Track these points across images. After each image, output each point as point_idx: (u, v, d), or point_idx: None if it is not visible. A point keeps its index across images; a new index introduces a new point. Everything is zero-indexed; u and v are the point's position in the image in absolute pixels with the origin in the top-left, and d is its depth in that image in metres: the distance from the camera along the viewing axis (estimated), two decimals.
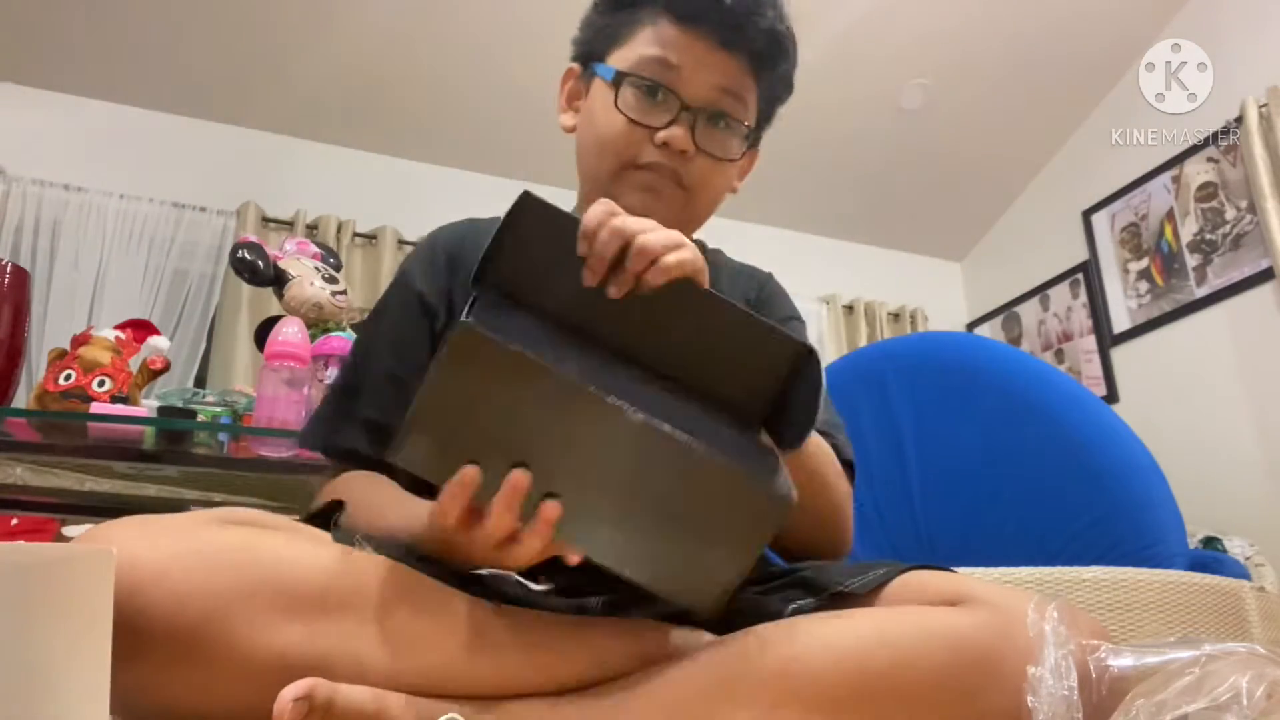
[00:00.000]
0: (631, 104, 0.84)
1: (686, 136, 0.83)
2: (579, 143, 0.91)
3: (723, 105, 0.85)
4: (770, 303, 0.99)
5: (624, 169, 0.85)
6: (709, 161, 0.86)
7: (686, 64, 0.83)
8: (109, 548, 0.43)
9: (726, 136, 0.87)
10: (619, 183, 0.86)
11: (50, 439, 1.49)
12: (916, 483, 1.71)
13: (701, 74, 0.84)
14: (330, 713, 0.51)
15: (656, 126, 0.83)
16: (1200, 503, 2.50)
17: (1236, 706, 0.44)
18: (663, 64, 0.83)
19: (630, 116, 0.84)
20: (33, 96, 3.10)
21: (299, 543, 0.59)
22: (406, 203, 3.45)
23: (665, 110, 0.84)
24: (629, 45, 0.86)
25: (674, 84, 0.83)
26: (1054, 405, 1.60)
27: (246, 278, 1.64)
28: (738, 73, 0.86)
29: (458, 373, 0.54)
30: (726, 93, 0.85)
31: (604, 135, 0.85)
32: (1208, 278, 3.12)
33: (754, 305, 0.96)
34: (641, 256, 0.61)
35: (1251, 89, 2.94)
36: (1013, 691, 0.55)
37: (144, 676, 0.50)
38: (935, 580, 0.65)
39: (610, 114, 0.84)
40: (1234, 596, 1.31)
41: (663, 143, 0.83)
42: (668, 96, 0.84)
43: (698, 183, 0.86)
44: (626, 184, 0.85)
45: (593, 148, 0.88)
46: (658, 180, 0.85)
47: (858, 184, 3.87)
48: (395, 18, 3.03)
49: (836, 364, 2.06)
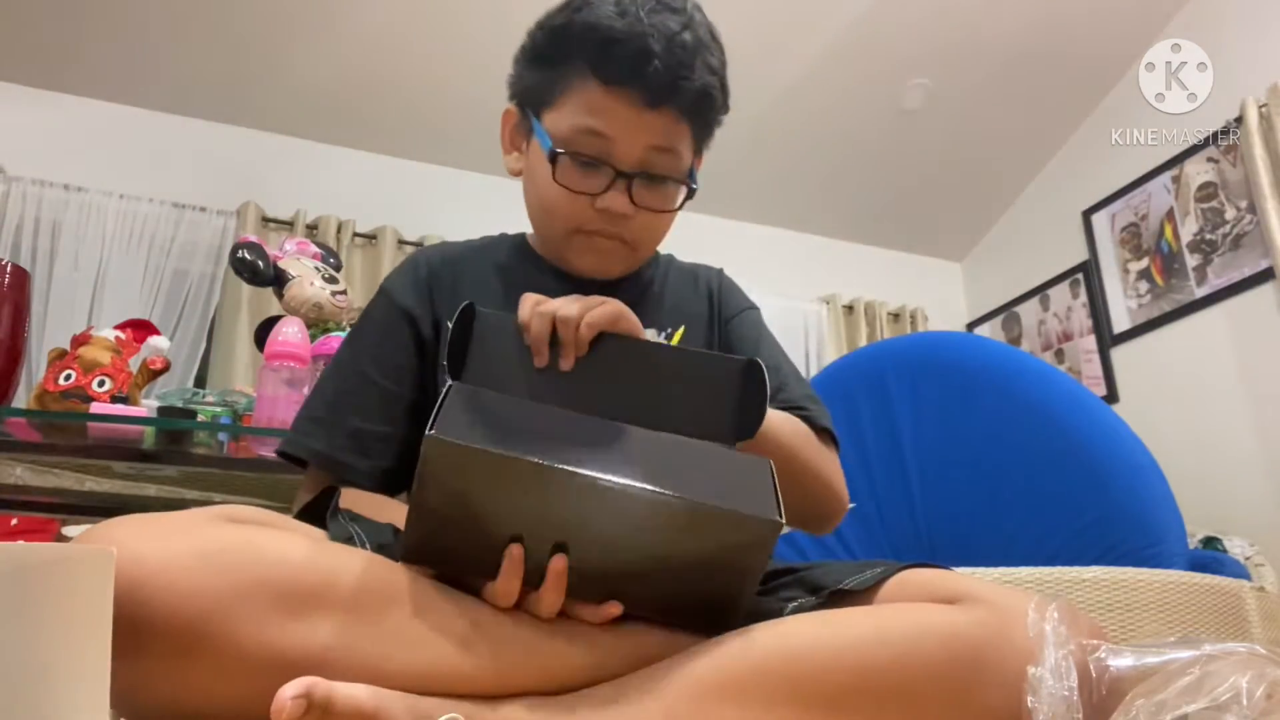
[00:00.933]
0: (569, 176, 0.86)
1: (624, 200, 0.86)
2: (526, 195, 0.94)
3: (655, 165, 0.86)
4: (726, 297, 1.03)
5: (571, 234, 0.89)
6: (650, 215, 0.88)
7: (616, 131, 0.84)
8: (109, 548, 0.43)
9: (663, 190, 0.89)
10: (569, 247, 0.91)
11: (50, 439, 1.49)
12: (916, 483, 1.71)
13: (632, 139, 0.84)
14: (329, 711, 0.51)
15: (594, 193, 0.86)
16: (1200, 503, 2.50)
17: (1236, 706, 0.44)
18: (593, 134, 0.84)
19: (569, 187, 0.86)
20: (33, 96, 3.10)
21: (299, 541, 0.59)
22: (406, 203, 3.45)
23: (601, 176, 0.85)
24: (560, 109, 0.86)
25: (606, 153, 0.85)
26: (1054, 405, 1.61)
27: (246, 278, 1.64)
28: (668, 128, 0.86)
29: (438, 476, 0.58)
30: (659, 150, 0.86)
31: (547, 204, 0.89)
32: (1208, 278, 3.12)
33: (713, 297, 1.01)
34: (565, 326, 0.70)
35: (1251, 89, 2.94)
36: (1012, 691, 0.55)
37: (144, 673, 0.50)
38: (934, 579, 0.65)
39: (549, 183, 0.87)
40: (1234, 596, 1.31)
41: (603, 209, 0.86)
42: (601, 164, 0.85)
43: (644, 236, 0.91)
44: (576, 248, 0.90)
45: (539, 211, 0.92)
46: (604, 244, 0.89)
47: (858, 184, 3.87)
48: (395, 18, 3.03)
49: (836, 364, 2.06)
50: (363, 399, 0.87)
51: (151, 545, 0.52)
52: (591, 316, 0.71)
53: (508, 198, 1.07)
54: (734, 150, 3.62)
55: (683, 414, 0.69)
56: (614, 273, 0.94)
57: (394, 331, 0.91)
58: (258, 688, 0.50)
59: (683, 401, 0.70)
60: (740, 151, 3.62)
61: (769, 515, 0.58)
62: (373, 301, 0.97)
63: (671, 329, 0.96)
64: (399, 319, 0.92)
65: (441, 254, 0.99)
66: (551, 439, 0.61)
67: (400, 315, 0.92)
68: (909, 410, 1.75)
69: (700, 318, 0.99)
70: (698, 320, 0.98)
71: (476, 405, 0.63)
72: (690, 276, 1.04)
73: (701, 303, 1.01)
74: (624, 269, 0.94)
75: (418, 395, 0.89)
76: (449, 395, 0.62)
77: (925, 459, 1.72)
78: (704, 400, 0.71)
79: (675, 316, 0.97)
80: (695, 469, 0.62)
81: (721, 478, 0.62)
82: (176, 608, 0.50)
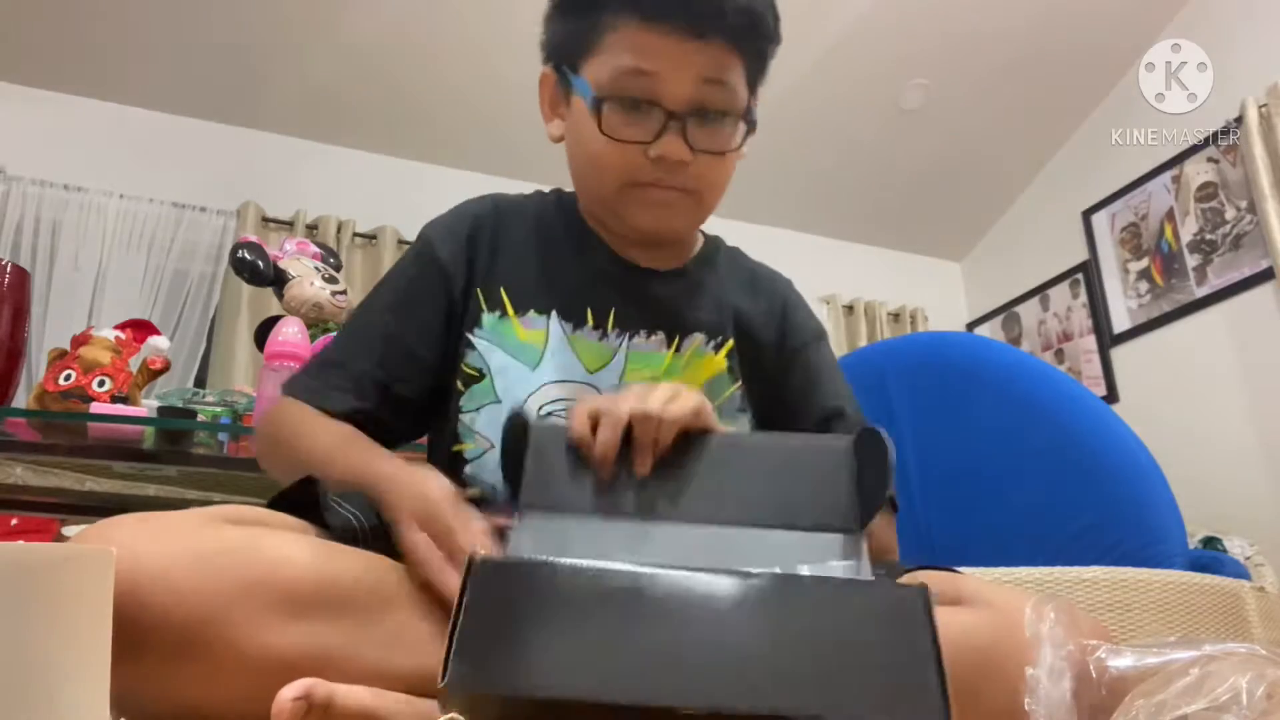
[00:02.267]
0: (616, 124, 0.80)
1: (680, 145, 0.79)
2: (571, 159, 0.88)
3: (709, 100, 0.80)
4: (795, 318, 0.95)
5: (625, 188, 0.82)
6: (710, 159, 0.82)
7: (663, 68, 0.78)
8: (109, 548, 0.43)
9: (720, 129, 0.82)
10: (625, 202, 0.83)
11: (50, 439, 1.49)
12: (916, 483, 1.71)
13: (680, 73, 0.78)
14: (329, 712, 0.50)
15: (647, 141, 0.79)
16: (1200, 503, 2.50)
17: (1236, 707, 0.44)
18: (638, 74, 0.78)
19: (618, 138, 0.80)
20: (33, 96, 3.10)
21: (299, 542, 0.59)
22: (406, 203, 3.44)
23: (652, 120, 0.79)
24: (599, 55, 0.81)
25: (654, 93, 0.79)
26: (1054, 405, 1.60)
27: (246, 278, 1.63)
28: (718, 58, 0.80)
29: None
30: (712, 83, 0.80)
31: (597, 160, 0.82)
32: (1208, 278, 3.12)
33: (778, 317, 0.94)
34: (645, 424, 0.62)
35: (1251, 89, 2.94)
36: (1012, 692, 0.54)
37: (143, 675, 0.50)
38: (935, 580, 0.65)
39: (596, 136, 0.80)
40: (1234, 596, 1.31)
41: (658, 156, 0.79)
42: (651, 107, 0.79)
43: (703, 184, 0.83)
44: (633, 203, 0.83)
45: (588, 170, 0.85)
46: (664, 195, 0.82)
47: (858, 184, 3.87)
48: (395, 18, 3.03)
49: None
50: (381, 352, 0.83)
51: (149, 547, 0.52)
52: (672, 412, 0.63)
53: None
54: None
55: (791, 507, 0.59)
56: (677, 227, 0.87)
57: (426, 284, 0.86)
58: (257, 689, 0.50)
59: (789, 493, 0.60)
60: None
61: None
62: (412, 246, 0.90)
63: (721, 339, 0.88)
64: (434, 272, 0.86)
65: (493, 206, 0.92)
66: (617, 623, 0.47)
67: (435, 268, 0.86)
68: (909, 410, 1.75)
69: (758, 332, 0.91)
70: (753, 334, 0.91)
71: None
72: (748, 278, 0.96)
73: (761, 315, 0.93)
74: (687, 223, 0.88)
75: (437, 362, 0.85)
76: (468, 602, 0.48)
77: (925, 459, 1.71)
78: (813, 490, 0.60)
79: (724, 321, 0.89)
80: (822, 643, 0.47)
81: (856, 658, 0.47)
82: (175, 610, 0.50)
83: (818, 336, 0.97)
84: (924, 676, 0.46)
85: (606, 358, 0.85)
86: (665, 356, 0.86)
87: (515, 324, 0.85)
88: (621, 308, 0.86)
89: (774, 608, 0.49)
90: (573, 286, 0.87)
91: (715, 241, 0.98)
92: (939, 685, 0.45)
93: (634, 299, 0.87)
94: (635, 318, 0.86)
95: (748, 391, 0.89)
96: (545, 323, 0.85)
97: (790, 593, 0.50)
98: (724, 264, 0.95)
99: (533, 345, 0.84)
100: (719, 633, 0.47)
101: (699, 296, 0.90)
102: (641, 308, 0.87)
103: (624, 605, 0.49)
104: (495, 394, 0.84)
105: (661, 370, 0.85)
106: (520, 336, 0.84)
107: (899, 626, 0.48)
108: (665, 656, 0.46)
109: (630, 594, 0.49)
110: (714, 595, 0.49)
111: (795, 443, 0.66)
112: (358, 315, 0.90)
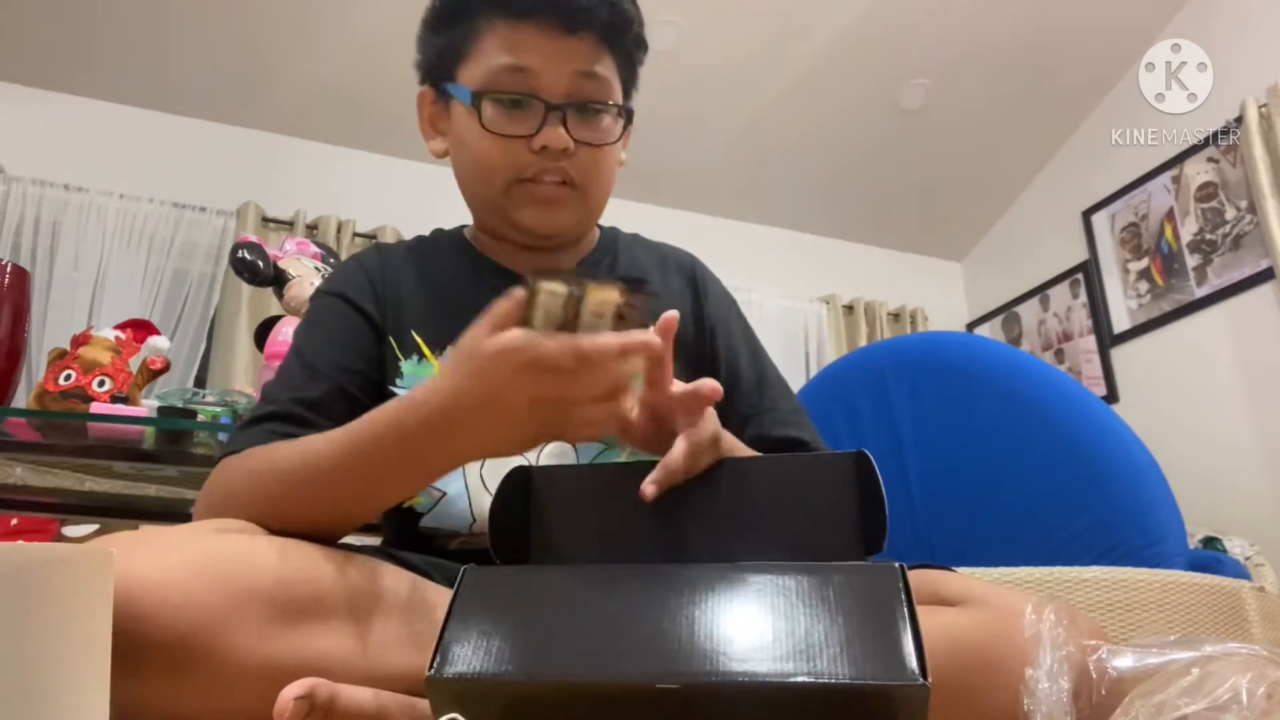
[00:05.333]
0: (497, 120, 0.80)
1: (562, 134, 0.80)
2: (456, 169, 0.88)
3: (585, 92, 0.82)
4: (711, 289, 0.95)
5: (511, 185, 0.83)
6: (591, 151, 0.83)
7: (536, 62, 0.80)
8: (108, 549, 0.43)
9: (599, 121, 0.83)
10: (511, 200, 0.83)
11: (50, 439, 1.49)
12: (916, 483, 1.71)
13: (555, 67, 0.80)
14: (331, 713, 0.50)
15: (529, 135, 0.80)
16: (1200, 503, 2.50)
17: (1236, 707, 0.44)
18: (514, 70, 0.80)
19: (499, 133, 0.80)
20: (33, 96, 3.10)
21: (293, 550, 0.59)
22: (406, 203, 3.44)
23: (532, 116, 0.80)
24: (474, 59, 0.82)
25: (531, 87, 0.80)
26: (1054, 405, 1.60)
27: (246, 278, 1.63)
28: (589, 52, 0.82)
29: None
30: (586, 76, 0.82)
31: (482, 160, 0.82)
32: (1208, 278, 3.12)
33: (696, 288, 0.94)
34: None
35: (1251, 89, 2.94)
36: (1013, 693, 0.54)
37: (142, 689, 0.50)
38: (935, 580, 0.65)
39: (479, 136, 0.81)
40: (1234, 596, 1.31)
41: (541, 148, 0.80)
42: (529, 101, 0.80)
43: (587, 177, 0.84)
44: (521, 202, 0.83)
45: (474, 173, 0.85)
46: (548, 190, 0.83)
47: (858, 184, 3.87)
48: (397, 17, 3.03)
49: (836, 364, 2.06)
50: (315, 373, 0.77)
51: (145, 561, 0.51)
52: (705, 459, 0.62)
53: None
54: (734, 150, 3.62)
55: (795, 535, 0.57)
56: (564, 224, 0.86)
57: (349, 324, 0.82)
58: (257, 698, 0.50)
59: (793, 518, 0.58)
60: (740, 151, 3.62)
61: (911, 676, 0.45)
62: (316, 304, 0.86)
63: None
64: (357, 318, 0.83)
65: (378, 255, 0.90)
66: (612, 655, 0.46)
67: (358, 315, 0.83)
68: (909, 410, 1.75)
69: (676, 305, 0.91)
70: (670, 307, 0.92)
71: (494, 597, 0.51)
72: (656, 255, 0.97)
73: (676, 287, 0.93)
74: (575, 219, 0.87)
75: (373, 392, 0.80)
76: (457, 603, 0.50)
77: (925, 459, 1.71)
78: (817, 512, 0.58)
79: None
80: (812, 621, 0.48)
81: (850, 624, 0.47)
82: (172, 623, 0.50)
83: (734, 305, 0.96)
84: (898, 638, 0.46)
85: None
86: None
87: (434, 364, 0.82)
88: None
89: (752, 592, 0.50)
90: (479, 311, 0.84)
91: (612, 233, 0.97)
92: (915, 646, 0.46)
93: None
94: None
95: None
96: None
97: (771, 578, 0.51)
98: (624, 253, 0.95)
99: None
100: (696, 614, 0.48)
101: (602, 273, 0.89)
102: None
103: (603, 596, 0.50)
104: None
105: None
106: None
107: (877, 597, 0.49)
108: (643, 638, 0.46)
109: (608, 586, 0.50)
110: (691, 581, 0.50)
111: (798, 463, 0.65)
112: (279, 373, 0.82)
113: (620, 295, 0.51)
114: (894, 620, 0.47)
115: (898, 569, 0.50)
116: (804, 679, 0.44)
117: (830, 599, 0.49)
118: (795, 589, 0.49)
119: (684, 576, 0.50)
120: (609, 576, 0.52)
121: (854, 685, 0.44)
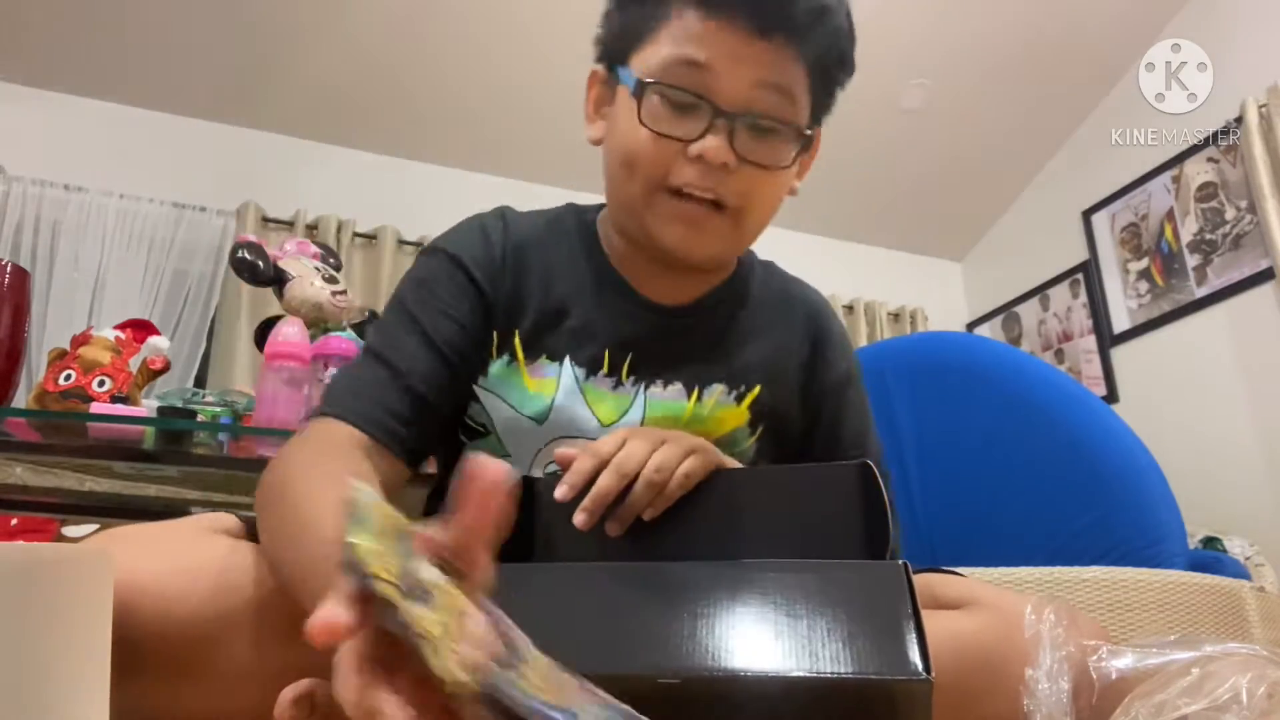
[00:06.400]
0: (657, 115, 0.72)
1: (724, 147, 0.71)
2: (605, 159, 0.79)
3: (765, 105, 0.72)
4: (829, 352, 0.87)
5: (655, 192, 0.74)
6: (755, 172, 0.73)
7: (718, 61, 0.70)
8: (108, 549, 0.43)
9: (773, 141, 0.74)
10: (652, 211, 0.75)
11: (50, 439, 1.49)
12: (916, 483, 1.71)
13: (737, 70, 0.71)
14: (332, 714, 0.50)
15: (687, 139, 0.71)
16: (1200, 503, 2.50)
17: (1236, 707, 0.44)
18: (690, 64, 0.71)
19: (656, 130, 0.72)
20: (33, 96, 3.09)
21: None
22: (406, 203, 3.44)
23: (698, 119, 0.71)
24: (652, 45, 0.73)
25: (705, 87, 0.71)
26: (1054, 405, 1.60)
27: (246, 278, 1.63)
28: (781, 62, 0.72)
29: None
30: (769, 88, 0.72)
31: (629, 152, 0.74)
32: (1208, 278, 3.12)
33: (814, 348, 0.86)
34: (656, 477, 0.58)
35: (1251, 89, 2.94)
36: (1015, 694, 0.54)
37: (141, 693, 0.49)
38: (937, 583, 0.65)
39: (634, 128, 0.72)
40: (1234, 596, 1.31)
41: (697, 156, 0.71)
42: (699, 103, 0.71)
43: (744, 201, 0.74)
44: (660, 213, 0.74)
45: (618, 168, 0.76)
46: (695, 211, 0.73)
47: (858, 184, 3.87)
48: (395, 18, 3.03)
49: None
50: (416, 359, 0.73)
51: (143, 564, 0.51)
52: (689, 467, 0.60)
53: (508, 198, 1.06)
54: None
55: (798, 546, 0.56)
56: (707, 251, 0.77)
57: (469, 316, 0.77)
58: (256, 701, 0.50)
59: (796, 529, 0.58)
60: None
61: (913, 671, 0.44)
62: (431, 259, 0.80)
63: (744, 389, 0.81)
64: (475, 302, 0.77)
65: (504, 227, 0.82)
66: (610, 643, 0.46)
67: (474, 293, 0.77)
68: (909, 410, 1.75)
69: (789, 366, 0.84)
70: (784, 368, 0.84)
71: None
72: (782, 300, 0.88)
73: (794, 343, 0.86)
74: (721, 248, 0.78)
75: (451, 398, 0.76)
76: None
77: (925, 459, 1.71)
78: (821, 524, 0.58)
79: (748, 368, 0.81)
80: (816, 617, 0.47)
81: (851, 618, 0.47)
82: (171, 627, 0.50)
83: (853, 374, 0.89)
84: (901, 634, 0.46)
85: (623, 408, 0.78)
86: (686, 407, 0.79)
87: (523, 372, 0.78)
88: (640, 354, 0.79)
89: (754, 589, 0.49)
90: (589, 328, 0.79)
91: (749, 263, 0.90)
92: (919, 642, 0.45)
93: (654, 344, 0.80)
94: (654, 365, 0.79)
95: (767, 441, 0.83)
96: (556, 370, 0.78)
97: (773, 575, 0.50)
98: (756, 291, 0.87)
99: (540, 396, 0.77)
100: (699, 610, 0.47)
101: (725, 340, 0.83)
102: (661, 354, 0.80)
103: (605, 592, 0.50)
104: (504, 449, 0.78)
105: (683, 422, 0.78)
106: (528, 387, 0.77)
107: (880, 593, 0.48)
108: (645, 633, 0.46)
109: (610, 583, 0.50)
110: (694, 579, 0.49)
111: (800, 475, 0.64)
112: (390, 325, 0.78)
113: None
114: (897, 616, 0.47)
115: (901, 566, 0.50)
116: (806, 674, 0.44)
117: (833, 595, 0.48)
118: (798, 585, 0.49)
119: (686, 574, 0.50)
120: (611, 574, 0.52)
121: (857, 680, 0.44)
